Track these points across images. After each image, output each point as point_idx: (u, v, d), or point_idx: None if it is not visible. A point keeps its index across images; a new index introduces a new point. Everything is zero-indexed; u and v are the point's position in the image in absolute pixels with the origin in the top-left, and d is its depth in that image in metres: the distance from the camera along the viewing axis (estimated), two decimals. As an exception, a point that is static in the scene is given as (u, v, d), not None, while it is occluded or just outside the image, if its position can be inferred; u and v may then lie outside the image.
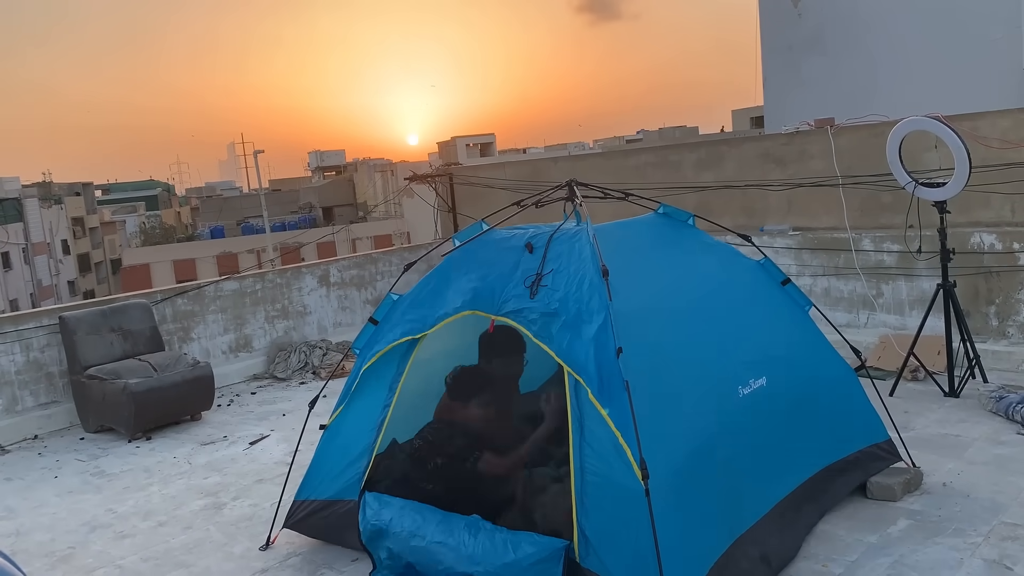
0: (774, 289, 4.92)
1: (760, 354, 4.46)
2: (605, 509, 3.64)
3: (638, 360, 3.74)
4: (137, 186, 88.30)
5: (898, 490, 4.70)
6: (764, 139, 10.01)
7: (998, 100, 9.05)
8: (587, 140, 64.03)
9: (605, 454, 3.65)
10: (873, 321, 7.85)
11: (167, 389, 7.33)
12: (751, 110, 36.15)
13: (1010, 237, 7.05)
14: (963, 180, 5.96)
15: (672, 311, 4.32)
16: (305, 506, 4.79)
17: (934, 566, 4.00)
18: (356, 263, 10.63)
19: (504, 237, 4.55)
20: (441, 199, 11.87)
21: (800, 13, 13.03)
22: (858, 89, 11.79)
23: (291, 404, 7.94)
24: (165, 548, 5.03)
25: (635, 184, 8.48)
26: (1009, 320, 7.12)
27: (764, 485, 4.18)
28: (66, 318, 7.64)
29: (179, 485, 6.08)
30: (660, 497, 3.47)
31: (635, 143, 45.77)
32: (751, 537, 3.93)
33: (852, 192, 7.99)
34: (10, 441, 7.41)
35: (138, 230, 68.07)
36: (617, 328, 3.77)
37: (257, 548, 4.88)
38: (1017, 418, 5.64)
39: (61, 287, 48.71)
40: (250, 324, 9.37)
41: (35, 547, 5.22)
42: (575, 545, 3.67)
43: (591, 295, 3.92)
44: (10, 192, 44.56)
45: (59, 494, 6.13)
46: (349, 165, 62.30)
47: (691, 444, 3.87)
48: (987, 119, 7.29)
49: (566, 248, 4.22)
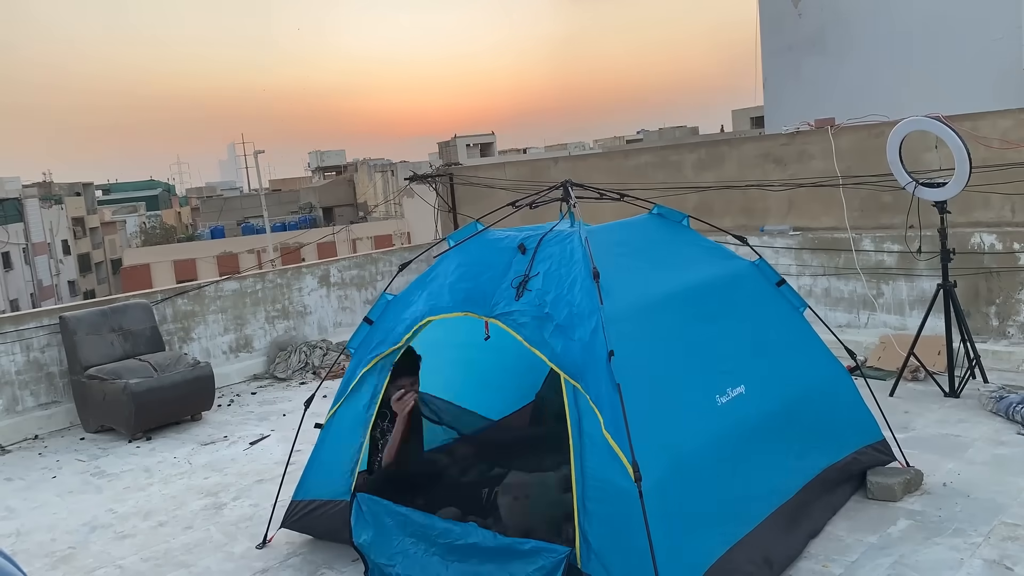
0: (768, 290, 4.88)
1: (745, 359, 4.43)
2: (607, 513, 3.63)
3: (629, 363, 3.73)
4: (137, 186, 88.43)
5: (898, 490, 4.70)
6: (764, 139, 10.02)
7: (998, 100, 9.05)
8: (587, 140, 64.05)
9: (605, 458, 3.64)
10: (873, 321, 7.85)
11: (167, 389, 7.34)
12: (751, 110, 36.18)
13: (1010, 237, 7.05)
14: (963, 180, 5.96)
15: (662, 313, 4.30)
16: (303, 506, 4.80)
17: (934, 566, 4.00)
18: (356, 263, 10.63)
19: (498, 238, 4.55)
20: (441, 199, 11.88)
21: (800, 13, 13.02)
22: (858, 89, 11.78)
23: (291, 404, 7.94)
24: (165, 548, 5.04)
25: (635, 184, 8.50)
26: (1009, 320, 7.12)
27: (761, 488, 4.16)
28: (66, 318, 7.64)
29: (179, 485, 6.09)
30: (654, 499, 3.47)
31: (635, 143, 45.77)
32: (750, 541, 3.92)
33: (852, 192, 7.99)
34: (10, 441, 7.41)
35: (138, 230, 68.11)
36: (608, 331, 3.76)
37: (257, 548, 4.89)
38: (1017, 418, 5.63)
39: (61, 287, 48.72)
40: (250, 324, 9.38)
41: (35, 547, 5.23)
42: (576, 551, 3.65)
43: (583, 298, 3.91)
44: (10, 192, 44.54)
45: (59, 494, 6.14)
46: (349, 165, 62.27)
47: (683, 446, 3.86)
48: (987, 119, 7.30)
49: (558, 250, 4.21)
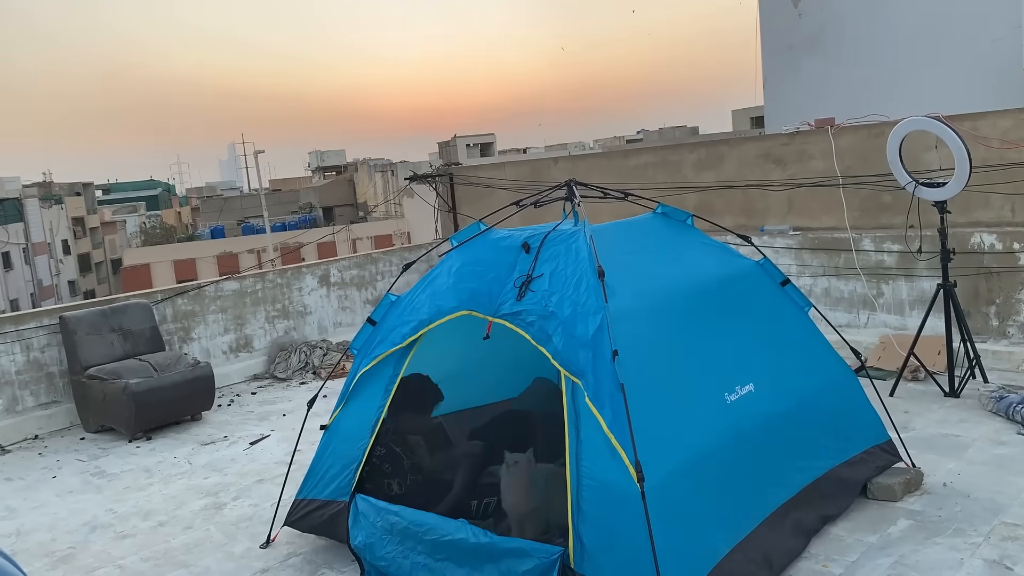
0: (773, 290, 4.89)
1: (752, 358, 4.43)
2: (601, 513, 3.62)
3: (633, 363, 3.73)
4: (137, 186, 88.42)
5: (898, 490, 4.69)
6: (764, 139, 10.01)
7: (998, 100, 9.05)
8: (587, 140, 64.05)
9: (601, 458, 3.63)
10: (873, 321, 7.85)
11: (167, 389, 7.34)
12: (751, 110, 36.14)
13: (1010, 237, 7.05)
14: (963, 180, 5.96)
15: (667, 312, 4.31)
16: (305, 505, 4.80)
17: (934, 566, 4.00)
18: (356, 263, 10.63)
19: (502, 237, 4.55)
20: (441, 199, 11.87)
21: (800, 13, 13.02)
22: (858, 89, 11.78)
23: (291, 404, 7.94)
24: (165, 548, 5.04)
25: (636, 184, 8.50)
26: (1009, 320, 7.12)
27: (765, 489, 4.16)
28: (66, 318, 7.64)
29: (179, 485, 6.09)
30: (656, 500, 3.46)
31: (635, 143, 45.76)
32: (753, 541, 3.92)
33: (852, 192, 7.99)
34: (10, 441, 7.41)
35: (138, 230, 68.10)
36: (613, 330, 3.76)
37: (258, 548, 4.90)
38: (1017, 418, 5.63)
39: (61, 287, 48.72)
40: (250, 324, 9.38)
41: (35, 547, 5.23)
42: (570, 551, 3.65)
43: (587, 296, 3.91)
44: (10, 192, 44.54)
45: (59, 494, 6.14)
46: (349, 165, 62.27)
47: (686, 447, 3.86)
48: (987, 119, 7.29)
49: (563, 248, 4.21)
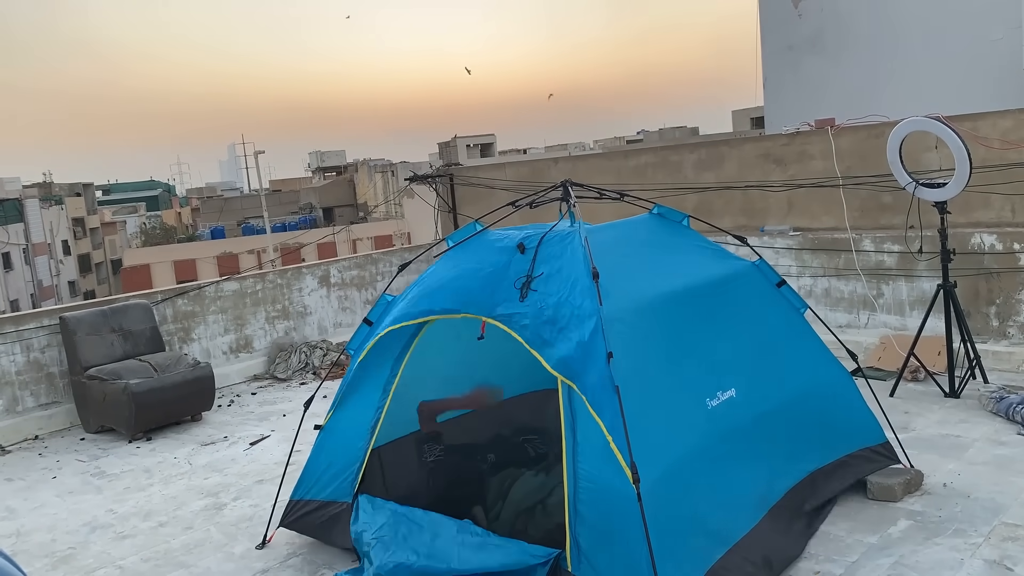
0: (768, 291, 4.87)
1: (742, 360, 4.42)
2: (598, 516, 3.63)
3: (628, 365, 3.73)
4: (137, 186, 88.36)
5: (898, 491, 4.69)
6: (764, 139, 10.01)
7: (998, 100, 9.05)
8: (587, 140, 64.07)
9: (598, 460, 3.63)
10: (873, 322, 7.85)
11: (167, 389, 7.34)
12: (751, 110, 36.12)
13: (1010, 237, 7.04)
14: (963, 180, 5.96)
15: (660, 314, 4.30)
16: (301, 506, 4.80)
17: (934, 567, 4.00)
18: (356, 263, 10.63)
19: (497, 238, 4.54)
20: (441, 199, 11.87)
21: (800, 13, 13.02)
22: (858, 89, 11.79)
23: (291, 404, 7.94)
24: (165, 548, 5.04)
25: (636, 185, 8.50)
26: (1009, 320, 7.12)
27: (754, 490, 4.15)
28: (67, 318, 7.64)
29: (179, 485, 6.09)
30: (651, 501, 3.47)
31: (635, 143, 45.75)
32: (750, 541, 3.92)
33: (852, 193, 7.99)
34: (10, 441, 7.41)
35: (139, 230, 68.07)
36: (607, 332, 3.76)
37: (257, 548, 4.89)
38: (1017, 419, 5.63)
39: (62, 287, 48.72)
40: (250, 324, 9.38)
41: (36, 547, 5.23)
42: (567, 553, 3.65)
43: (583, 299, 3.91)
44: (10, 192, 44.53)
45: (59, 494, 6.14)
46: (349, 165, 62.26)
47: (681, 449, 3.86)
48: (987, 119, 7.29)
49: (558, 250, 4.21)
